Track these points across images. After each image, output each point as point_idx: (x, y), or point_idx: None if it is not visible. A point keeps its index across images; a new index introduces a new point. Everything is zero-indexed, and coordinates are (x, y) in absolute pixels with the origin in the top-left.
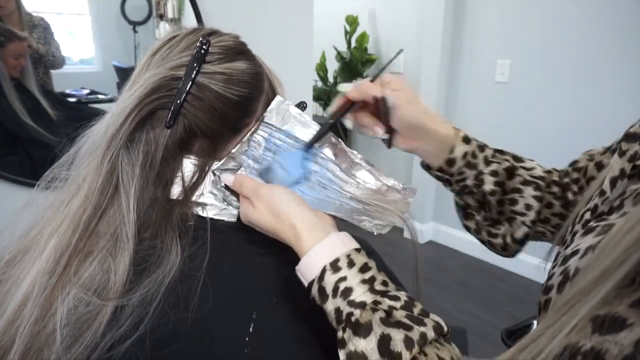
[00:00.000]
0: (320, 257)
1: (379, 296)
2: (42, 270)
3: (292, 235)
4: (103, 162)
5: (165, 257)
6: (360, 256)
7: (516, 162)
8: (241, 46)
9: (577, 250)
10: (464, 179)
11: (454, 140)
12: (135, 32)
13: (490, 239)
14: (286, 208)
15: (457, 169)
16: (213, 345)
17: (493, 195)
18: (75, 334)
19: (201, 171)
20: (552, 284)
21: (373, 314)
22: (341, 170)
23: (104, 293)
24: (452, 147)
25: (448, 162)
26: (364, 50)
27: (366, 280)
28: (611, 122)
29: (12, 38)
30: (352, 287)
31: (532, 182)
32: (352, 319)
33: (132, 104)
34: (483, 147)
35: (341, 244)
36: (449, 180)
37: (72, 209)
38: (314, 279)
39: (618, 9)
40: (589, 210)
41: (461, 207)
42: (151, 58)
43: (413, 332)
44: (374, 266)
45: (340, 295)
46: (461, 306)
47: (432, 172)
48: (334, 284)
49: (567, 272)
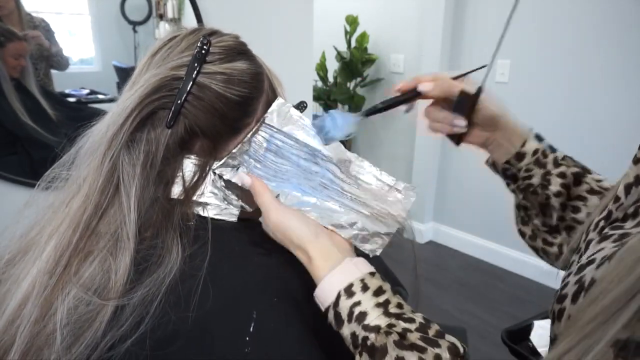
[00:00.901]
0: (334, 284)
1: (393, 319)
2: (42, 270)
3: (306, 259)
4: (104, 161)
5: (166, 256)
6: (374, 280)
7: (584, 171)
8: (241, 46)
9: (593, 260)
10: (530, 176)
11: (527, 136)
12: (135, 32)
13: (546, 247)
14: (298, 234)
15: (526, 165)
16: (213, 345)
17: (558, 197)
18: (75, 333)
19: (202, 171)
20: (566, 293)
21: (387, 337)
22: (342, 172)
23: (104, 293)
24: (524, 142)
25: (517, 156)
26: (364, 50)
27: (380, 303)
28: (611, 121)
29: (12, 38)
30: (366, 311)
31: (598, 191)
32: (367, 342)
33: (132, 104)
34: (554, 149)
35: (355, 268)
36: (515, 177)
37: (72, 208)
38: (330, 305)
39: (618, 9)
40: (603, 219)
41: (520, 209)
42: (152, 58)
43: (427, 354)
44: (388, 289)
45: (355, 320)
46: (461, 306)
47: (499, 166)
48: (349, 309)
49: (582, 282)
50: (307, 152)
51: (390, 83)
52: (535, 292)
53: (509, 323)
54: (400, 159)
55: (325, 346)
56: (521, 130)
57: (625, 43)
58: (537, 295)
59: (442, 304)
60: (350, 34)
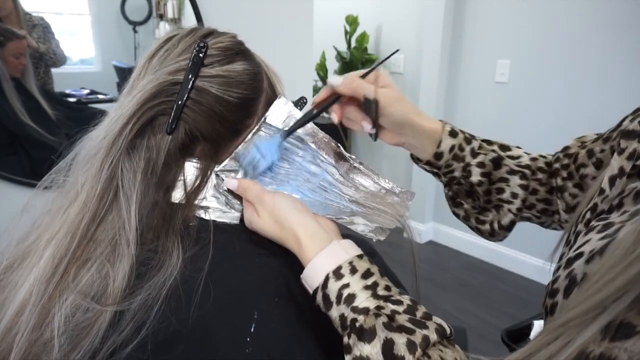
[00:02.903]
0: (323, 265)
1: (381, 301)
2: (40, 277)
3: (295, 244)
4: (102, 168)
5: (166, 260)
6: (362, 262)
7: (503, 151)
8: (239, 46)
9: (582, 253)
10: (451, 171)
11: (441, 134)
12: (135, 32)
13: (479, 225)
14: (289, 217)
15: (445, 162)
16: (214, 345)
17: (480, 186)
18: (73, 341)
19: (203, 175)
20: (557, 288)
21: (376, 319)
22: (340, 174)
23: (102, 299)
24: (439, 141)
25: (436, 155)
26: (363, 50)
27: (369, 286)
28: (611, 121)
29: (12, 37)
30: (355, 293)
31: (518, 171)
32: (356, 324)
33: (131, 111)
34: (470, 140)
35: (343, 251)
36: (437, 173)
37: (70, 215)
38: (318, 287)
39: (617, 9)
40: (589, 210)
41: (449, 197)
42: (149, 61)
43: (415, 336)
44: (376, 271)
45: (344, 302)
46: (461, 306)
47: (421, 164)
48: (338, 291)
49: (573, 277)
50: (308, 152)
51: None
52: (535, 292)
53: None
54: (400, 159)
55: (326, 346)
56: (433, 129)
57: (624, 43)
58: (537, 295)
59: (442, 304)
60: (350, 34)
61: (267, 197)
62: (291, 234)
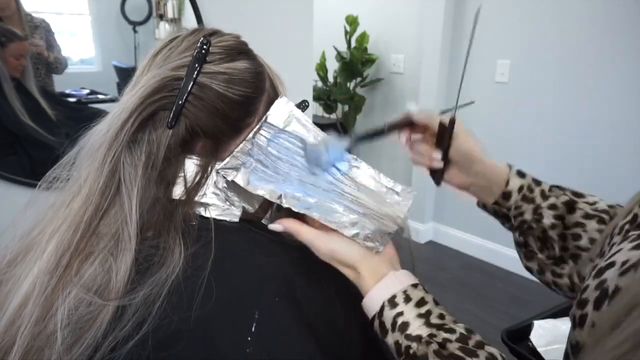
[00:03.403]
0: (379, 295)
1: (434, 329)
2: (43, 270)
3: (353, 275)
4: (105, 162)
5: (168, 256)
6: (416, 291)
7: (576, 197)
8: (242, 46)
9: (613, 262)
10: (521, 213)
11: (509, 174)
12: (135, 32)
13: (556, 279)
14: (349, 256)
15: (514, 202)
16: (215, 344)
17: (553, 229)
18: (76, 334)
19: (203, 171)
20: (587, 298)
21: (427, 347)
22: (341, 174)
23: (105, 293)
24: (507, 180)
25: (504, 195)
26: (364, 50)
27: (422, 314)
28: (611, 121)
29: (13, 38)
30: (408, 321)
31: (595, 215)
32: (410, 351)
33: (133, 105)
34: (539, 182)
35: (398, 281)
36: (507, 216)
37: (73, 209)
38: (375, 315)
39: (618, 9)
40: (628, 222)
41: (521, 246)
42: (153, 59)
43: None
44: (430, 300)
45: (398, 330)
46: (461, 306)
47: (489, 208)
48: (392, 319)
49: (604, 288)
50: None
51: (391, 83)
52: (535, 292)
53: (509, 323)
54: (400, 159)
55: (326, 346)
56: (500, 169)
57: (625, 43)
58: (537, 295)
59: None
60: (350, 34)
61: (321, 244)
62: (351, 270)
